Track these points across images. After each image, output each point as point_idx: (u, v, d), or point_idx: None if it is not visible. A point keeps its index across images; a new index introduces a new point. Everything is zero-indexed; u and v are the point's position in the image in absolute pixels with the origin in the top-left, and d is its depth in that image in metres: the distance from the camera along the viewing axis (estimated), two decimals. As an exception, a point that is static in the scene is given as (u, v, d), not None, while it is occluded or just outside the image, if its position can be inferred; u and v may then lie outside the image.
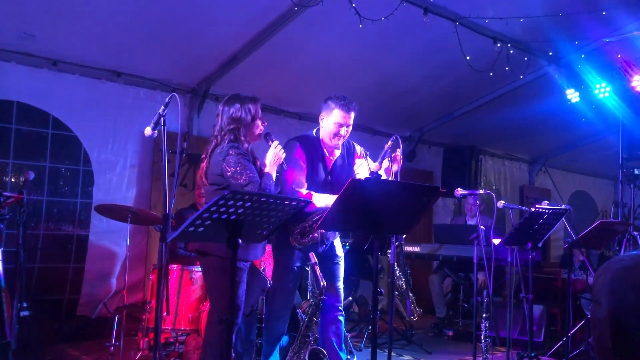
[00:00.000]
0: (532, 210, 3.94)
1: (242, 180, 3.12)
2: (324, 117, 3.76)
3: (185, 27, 5.05)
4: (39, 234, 5.22)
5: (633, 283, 1.20)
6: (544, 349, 5.38)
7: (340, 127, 3.68)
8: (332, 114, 3.69)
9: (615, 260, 1.28)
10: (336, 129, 3.69)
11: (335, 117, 3.68)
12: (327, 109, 3.73)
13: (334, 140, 3.73)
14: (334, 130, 3.69)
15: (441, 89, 6.85)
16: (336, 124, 3.68)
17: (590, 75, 6.58)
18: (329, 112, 3.71)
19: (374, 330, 2.77)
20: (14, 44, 4.90)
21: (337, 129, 3.68)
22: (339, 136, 3.71)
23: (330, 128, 3.71)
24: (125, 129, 5.69)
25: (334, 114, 3.68)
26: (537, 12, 5.28)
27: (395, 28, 5.06)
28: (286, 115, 6.90)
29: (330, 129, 3.70)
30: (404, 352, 5.42)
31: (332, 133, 3.71)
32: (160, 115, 2.88)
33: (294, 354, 3.63)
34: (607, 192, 11.33)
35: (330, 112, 3.70)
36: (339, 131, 3.69)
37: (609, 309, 1.22)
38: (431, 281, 6.81)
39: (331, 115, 3.69)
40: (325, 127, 3.75)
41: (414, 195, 2.74)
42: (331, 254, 3.87)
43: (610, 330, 1.21)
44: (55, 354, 4.77)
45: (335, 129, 3.69)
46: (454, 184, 6.08)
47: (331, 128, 3.70)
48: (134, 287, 5.57)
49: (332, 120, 3.69)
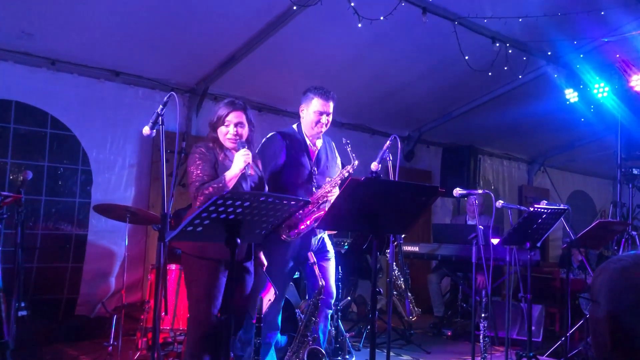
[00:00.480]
0: (530, 210, 3.95)
1: (193, 178, 3.15)
2: (304, 109, 3.85)
3: (184, 26, 5.04)
4: (37, 233, 5.21)
5: (631, 283, 1.20)
6: (542, 349, 5.38)
7: (321, 115, 3.78)
8: (311, 104, 3.79)
9: (614, 260, 1.28)
10: (317, 118, 3.78)
11: (314, 106, 3.78)
12: (306, 100, 3.83)
13: (316, 128, 3.81)
14: (315, 119, 3.79)
15: (440, 89, 6.85)
16: (316, 112, 3.77)
17: (588, 75, 6.59)
18: (308, 102, 3.82)
19: (372, 329, 2.77)
20: (12, 43, 4.89)
21: (318, 117, 3.78)
22: (320, 124, 3.79)
23: (311, 117, 3.80)
24: (123, 129, 5.68)
25: (314, 103, 3.78)
26: (536, 12, 5.28)
27: (394, 27, 5.06)
28: (285, 114, 6.89)
29: (311, 118, 3.80)
30: (403, 351, 5.42)
31: (313, 122, 3.79)
32: (159, 114, 2.88)
33: (293, 353, 3.63)
34: (606, 191, 11.34)
35: (309, 102, 3.81)
36: (319, 119, 3.78)
37: (608, 308, 1.22)
38: (430, 281, 6.81)
39: (311, 105, 3.79)
40: (306, 118, 3.84)
41: (413, 195, 2.74)
42: (322, 249, 3.91)
43: (608, 329, 1.21)
44: (53, 354, 4.76)
45: (316, 118, 3.78)
46: (453, 183, 6.07)
47: (312, 117, 3.79)
48: (132, 286, 5.57)
49: (312, 109, 3.79)
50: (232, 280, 2.63)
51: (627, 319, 1.19)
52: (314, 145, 3.90)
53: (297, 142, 3.84)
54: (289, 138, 3.83)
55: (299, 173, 3.78)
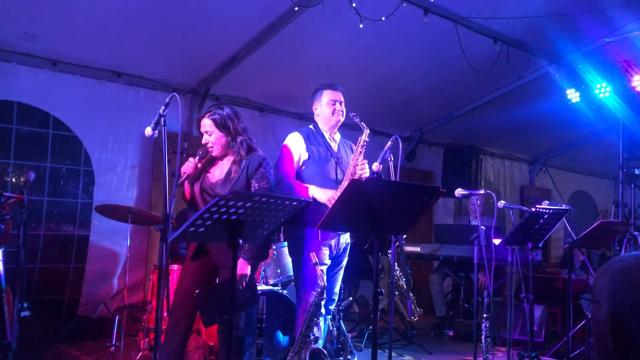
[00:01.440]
0: (532, 210, 3.94)
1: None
2: (317, 106, 3.97)
3: (185, 27, 5.05)
4: (40, 234, 5.22)
5: (633, 283, 1.20)
6: (544, 349, 5.38)
7: (335, 104, 3.90)
8: (322, 97, 3.94)
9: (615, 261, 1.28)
10: (332, 107, 3.90)
11: (326, 98, 3.91)
12: (317, 97, 3.98)
13: (334, 118, 3.92)
14: (330, 110, 3.90)
15: (441, 89, 6.85)
16: (329, 102, 3.90)
17: (590, 75, 6.58)
18: (319, 98, 3.95)
19: (374, 330, 2.76)
20: (14, 44, 4.91)
21: (332, 106, 3.90)
22: (337, 112, 3.90)
23: (325, 110, 3.92)
24: (125, 129, 5.69)
25: (324, 95, 3.93)
26: (538, 12, 5.28)
27: (395, 28, 5.06)
28: (286, 115, 6.90)
29: (326, 110, 3.92)
30: (405, 352, 5.42)
31: (329, 113, 3.91)
32: (161, 115, 2.89)
33: (295, 354, 3.63)
34: (608, 192, 11.32)
35: (321, 97, 3.94)
36: (334, 108, 3.90)
37: (610, 309, 1.22)
38: (432, 281, 6.81)
39: (322, 99, 3.93)
40: (321, 113, 3.95)
41: (414, 196, 2.73)
42: (342, 256, 3.96)
43: (610, 330, 1.21)
44: (55, 354, 4.77)
45: (331, 107, 3.90)
46: (454, 184, 6.08)
47: (327, 109, 3.92)
48: (134, 287, 5.58)
49: (324, 101, 3.92)
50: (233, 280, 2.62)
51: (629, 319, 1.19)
52: (333, 140, 3.98)
53: (317, 138, 3.92)
54: (309, 135, 3.91)
55: (323, 167, 3.84)
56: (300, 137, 3.86)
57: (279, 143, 4.15)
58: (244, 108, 6.58)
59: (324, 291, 3.61)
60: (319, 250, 3.71)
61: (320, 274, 3.59)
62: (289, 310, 4.30)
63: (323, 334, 3.86)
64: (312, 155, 3.82)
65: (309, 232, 3.71)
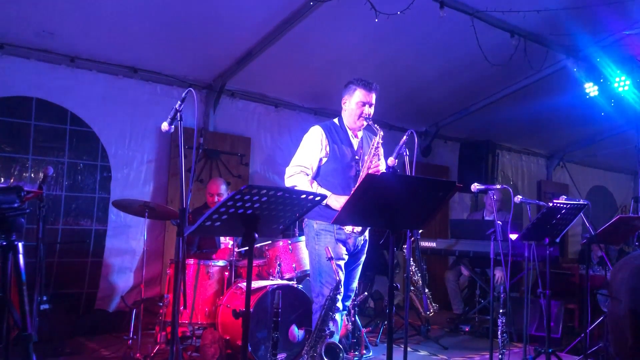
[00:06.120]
0: (549, 205, 3.90)
1: None
2: (346, 101, 3.86)
3: (201, 23, 5.07)
4: (58, 228, 5.29)
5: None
6: (561, 345, 5.33)
7: (364, 106, 3.79)
8: (354, 95, 3.81)
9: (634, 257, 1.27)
10: (360, 109, 3.79)
11: (357, 97, 3.80)
12: (349, 91, 3.85)
13: (359, 122, 3.83)
14: (358, 111, 3.80)
15: (457, 84, 6.80)
16: (359, 103, 3.79)
17: (609, 68, 6.49)
18: (351, 93, 3.83)
19: (390, 325, 2.76)
20: (32, 41, 4.96)
21: (361, 108, 3.79)
22: (363, 116, 3.79)
23: (353, 109, 3.82)
24: (142, 125, 5.74)
25: (356, 94, 3.80)
26: (555, 5, 5.21)
27: (411, 22, 5.03)
28: (301, 110, 6.90)
29: (354, 110, 3.81)
30: (420, 347, 5.41)
31: (356, 115, 3.81)
32: (177, 110, 2.91)
33: (310, 348, 3.64)
34: (626, 187, 11.19)
35: (352, 94, 3.82)
36: (362, 111, 3.79)
37: (629, 305, 1.21)
38: (447, 279, 6.78)
39: (353, 96, 3.81)
40: (348, 110, 3.86)
41: (430, 190, 2.72)
42: (361, 253, 3.95)
43: (630, 326, 1.20)
44: (74, 347, 4.84)
45: (359, 109, 3.79)
46: (471, 179, 6.02)
47: (355, 109, 3.81)
48: (151, 281, 5.63)
49: (354, 100, 3.80)
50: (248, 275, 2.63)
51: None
52: (355, 137, 3.92)
53: (339, 133, 3.87)
54: (331, 130, 3.86)
55: (342, 164, 3.80)
56: (322, 131, 3.81)
57: (294, 138, 4.15)
58: (259, 103, 6.61)
59: (339, 285, 3.61)
60: (335, 245, 3.71)
61: (336, 269, 3.59)
62: (304, 305, 4.31)
63: (338, 329, 3.87)
64: (332, 151, 3.79)
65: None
